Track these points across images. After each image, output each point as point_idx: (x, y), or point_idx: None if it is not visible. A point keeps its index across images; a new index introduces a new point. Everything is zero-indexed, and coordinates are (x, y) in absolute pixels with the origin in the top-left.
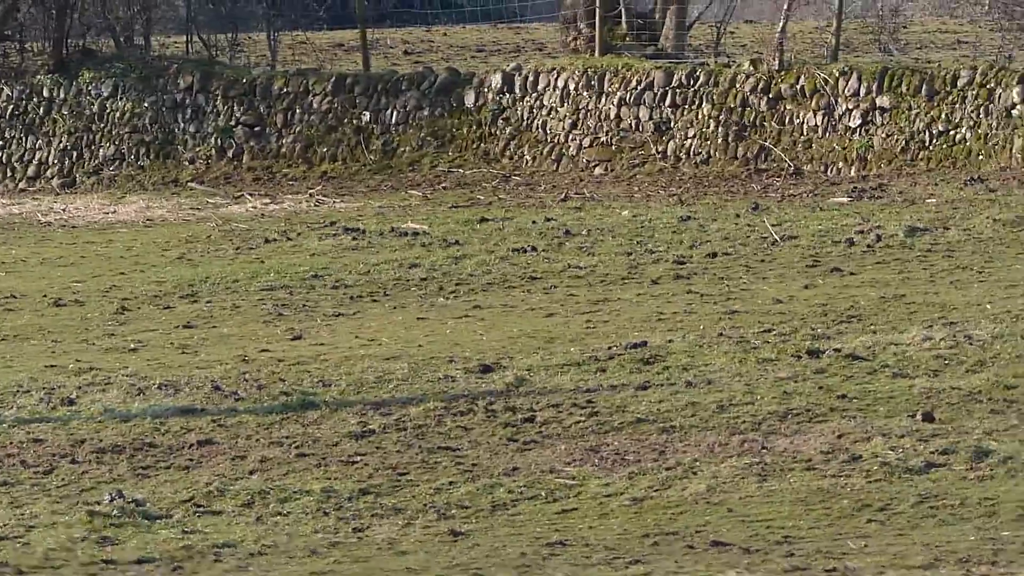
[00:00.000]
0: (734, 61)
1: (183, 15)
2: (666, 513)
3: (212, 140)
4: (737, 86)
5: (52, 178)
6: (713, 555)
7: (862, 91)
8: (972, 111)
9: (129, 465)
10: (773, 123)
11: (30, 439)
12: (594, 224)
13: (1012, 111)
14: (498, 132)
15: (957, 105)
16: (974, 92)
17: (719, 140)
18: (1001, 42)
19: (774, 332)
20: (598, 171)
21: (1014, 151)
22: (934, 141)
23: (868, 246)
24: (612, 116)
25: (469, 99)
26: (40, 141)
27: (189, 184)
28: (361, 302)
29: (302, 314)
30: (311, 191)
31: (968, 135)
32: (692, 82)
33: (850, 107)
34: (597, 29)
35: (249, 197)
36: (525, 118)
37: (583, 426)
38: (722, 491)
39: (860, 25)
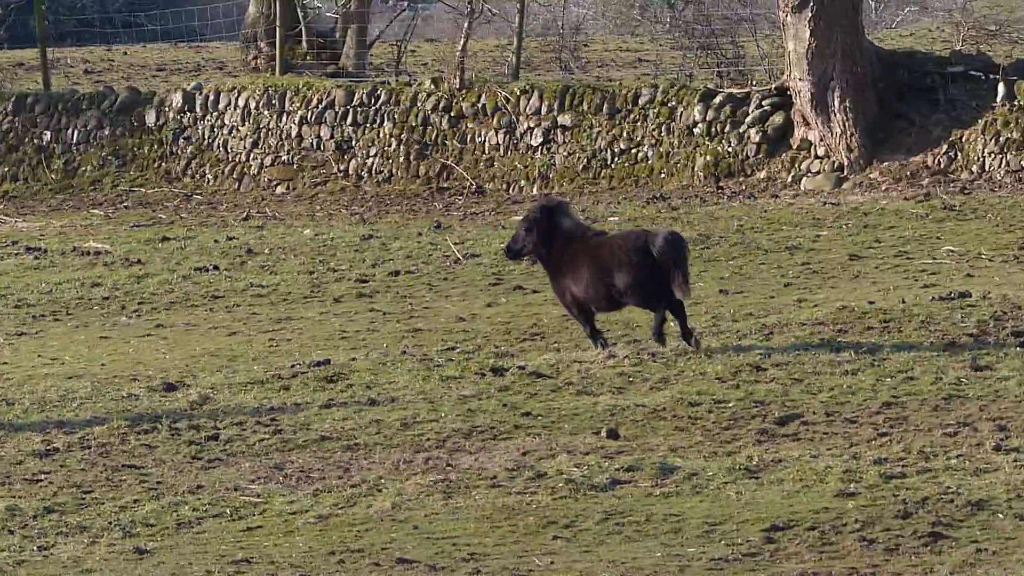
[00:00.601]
0: (415, 80)
1: None
2: (352, 530)
3: None
4: (419, 104)
5: None
6: (399, 572)
7: (543, 109)
8: (654, 129)
9: None
10: (455, 141)
11: None
12: (276, 243)
13: (694, 129)
14: (179, 151)
15: (639, 123)
16: (655, 110)
17: (401, 159)
18: (682, 60)
19: (458, 350)
20: (280, 190)
21: (696, 169)
22: (616, 159)
23: None
24: (293, 135)
25: (150, 118)
26: None
27: None
28: (43, 321)
29: None
30: None
31: (650, 153)
32: (373, 101)
33: (532, 125)
34: (278, 48)
35: None
36: (206, 137)
37: (267, 444)
38: (407, 508)
39: (541, 43)
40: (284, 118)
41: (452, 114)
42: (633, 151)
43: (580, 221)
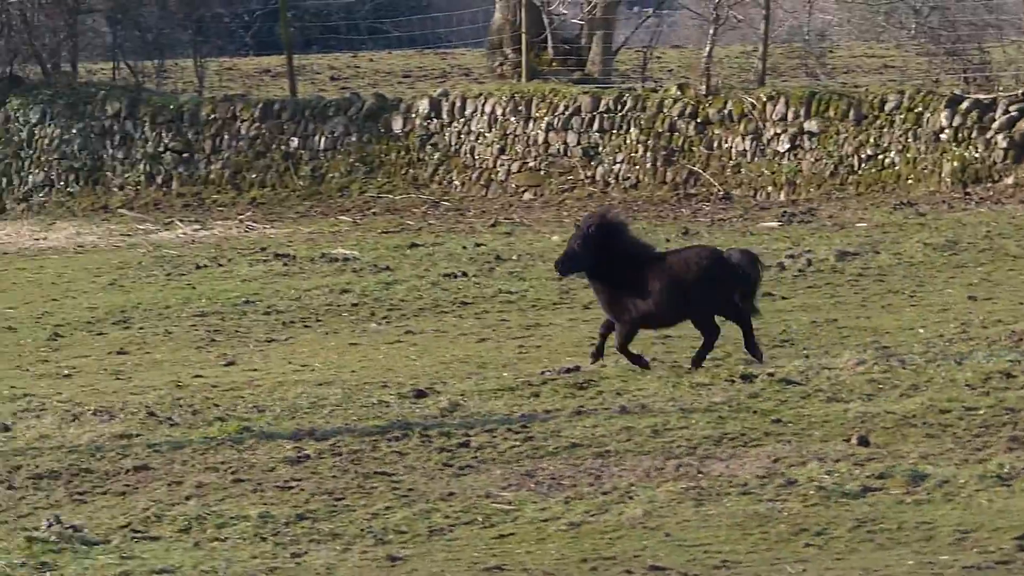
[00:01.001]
0: (661, 86)
1: (109, 42)
2: (603, 537)
3: (141, 166)
4: (665, 111)
5: None
6: None
7: (790, 115)
8: (900, 135)
9: (66, 491)
10: (701, 148)
11: None
12: (524, 249)
13: (940, 135)
14: (426, 158)
15: (885, 129)
16: (902, 116)
17: (648, 165)
18: (928, 66)
19: (708, 357)
20: (527, 196)
21: (943, 175)
22: (863, 165)
23: (799, 270)
24: (540, 141)
25: (397, 125)
26: None
27: (119, 210)
28: (293, 328)
29: (234, 340)
30: (240, 217)
31: (897, 159)
32: (619, 107)
33: (778, 131)
34: (524, 54)
35: (179, 223)
36: (453, 143)
37: (518, 451)
38: (659, 515)
39: (787, 50)
40: (531, 124)
41: (698, 120)
42: (880, 157)
43: (637, 237)
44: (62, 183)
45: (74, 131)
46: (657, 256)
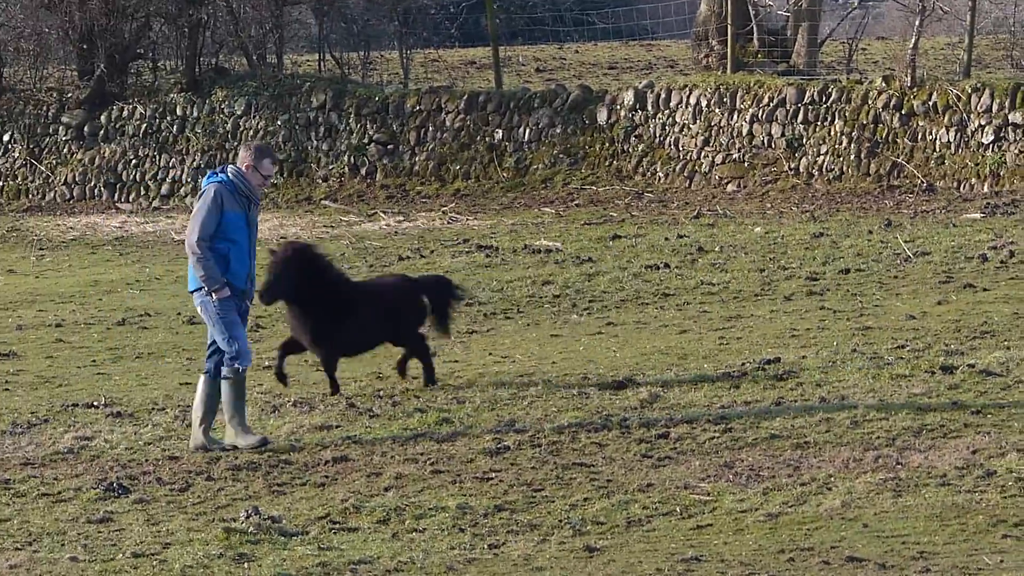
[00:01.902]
0: (866, 78)
1: (315, 33)
2: (801, 529)
3: (345, 158)
4: (869, 102)
5: (185, 196)
6: (849, 570)
7: (995, 107)
8: None
9: (265, 482)
10: (905, 139)
11: (166, 456)
12: (726, 241)
13: None
14: (630, 149)
15: None
16: None
17: (851, 156)
18: None
19: (907, 348)
20: (730, 188)
21: None
22: None
23: (1001, 262)
24: (744, 133)
25: (601, 116)
26: (173, 159)
27: (322, 202)
28: (495, 319)
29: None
30: (444, 208)
31: None
32: (824, 99)
33: (983, 123)
34: (729, 46)
35: (382, 215)
36: (657, 135)
37: (717, 442)
38: (857, 506)
39: (992, 41)
40: (735, 116)
41: (903, 112)
42: None
43: (334, 266)
44: None
45: (279, 123)
46: (354, 285)
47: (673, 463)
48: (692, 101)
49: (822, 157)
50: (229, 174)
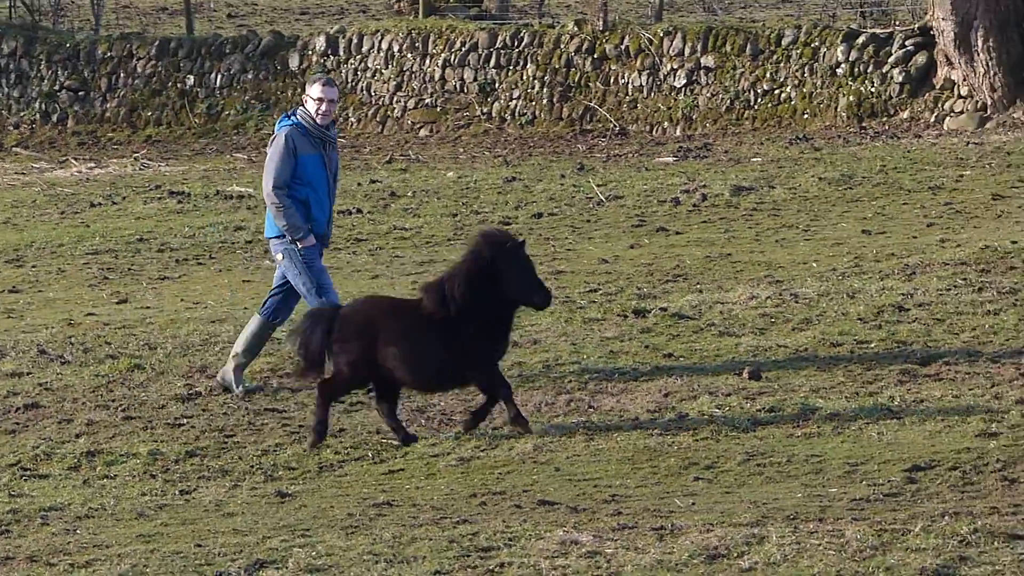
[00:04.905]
0: (558, 22)
1: None
2: (493, 473)
3: (36, 105)
4: (561, 47)
5: None
6: (541, 514)
7: (687, 51)
8: (797, 70)
9: None
10: (598, 83)
11: None
12: (419, 186)
13: (837, 70)
14: None
15: (782, 64)
16: (798, 51)
17: (544, 101)
18: (825, 1)
19: (600, 292)
20: (423, 133)
21: (839, 110)
22: (759, 100)
23: (694, 205)
24: (437, 78)
25: (293, 62)
26: None
27: (14, 149)
28: (186, 265)
29: (128, 278)
30: (136, 155)
31: (793, 94)
32: (516, 43)
33: (675, 67)
34: None
35: (74, 161)
36: (350, 80)
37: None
38: (549, 450)
39: None
40: (427, 61)
41: (595, 56)
42: (776, 92)
43: None
44: None
45: None
46: None
47: (365, 408)
48: (384, 46)
49: (514, 102)
50: (299, 116)
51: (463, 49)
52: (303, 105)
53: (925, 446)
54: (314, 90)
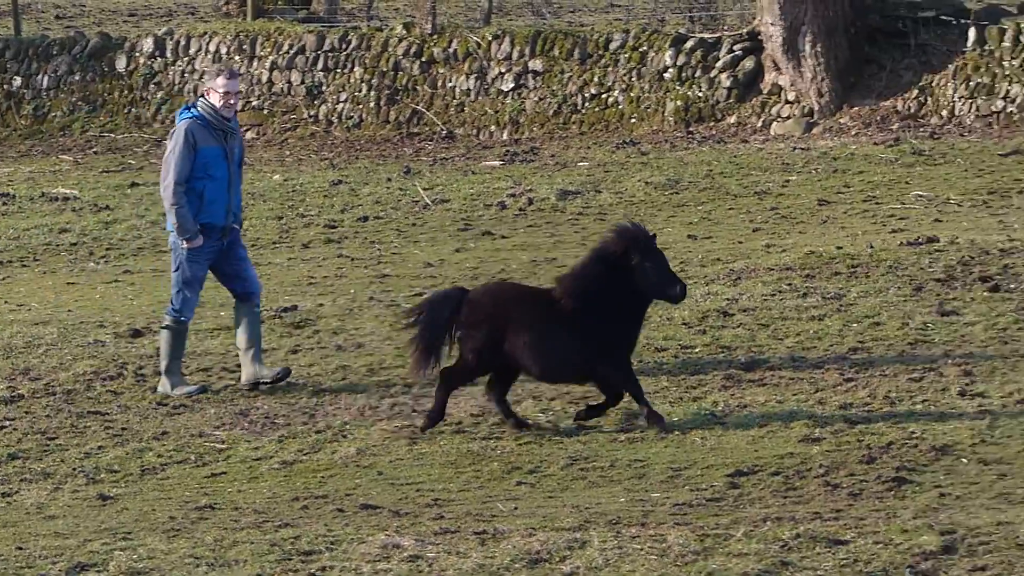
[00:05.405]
0: (386, 25)
1: None
2: (316, 476)
3: None
4: (389, 50)
5: None
6: (363, 518)
7: (515, 55)
8: (625, 74)
9: None
10: (426, 87)
11: None
12: (245, 188)
13: (664, 74)
14: (150, 96)
15: (610, 68)
16: (627, 55)
17: (371, 104)
18: (654, 5)
19: (425, 295)
20: (250, 135)
21: (666, 114)
22: (586, 104)
23: (520, 209)
24: (264, 80)
25: (121, 64)
26: None
27: None
28: (10, 267)
29: None
30: None
31: (620, 98)
32: (344, 46)
33: (503, 71)
34: None
35: None
36: (177, 82)
37: (233, 389)
38: (372, 454)
39: None
40: (255, 63)
41: (423, 59)
42: (604, 96)
43: None
44: None
45: None
46: None
47: (188, 411)
48: (212, 48)
49: (342, 105)
50: (200, 108)
51: (291, 52)
52: (204, 97)
53: (748, 451)
54: (219, 83)
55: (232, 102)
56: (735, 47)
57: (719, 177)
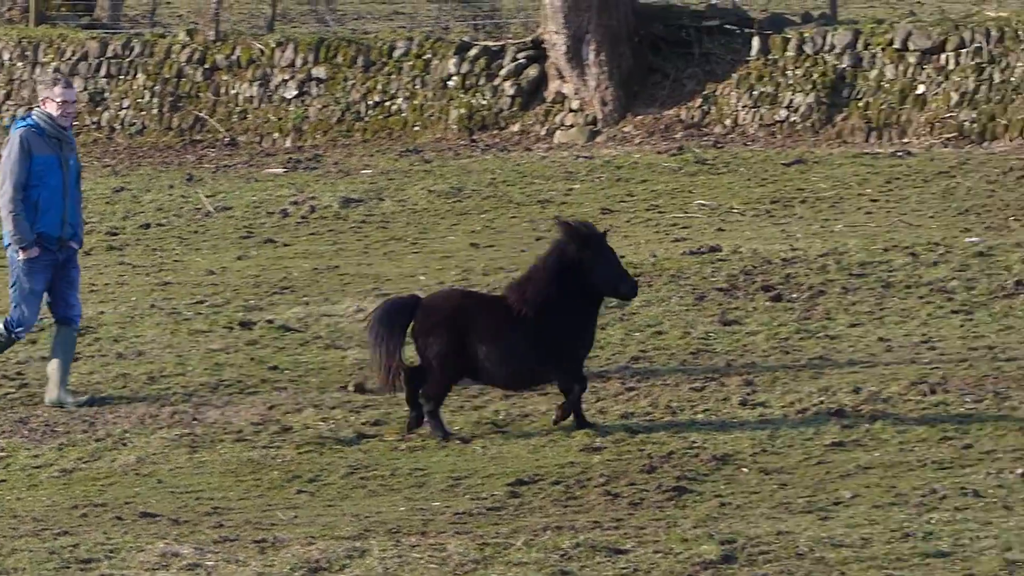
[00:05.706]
0: (170, 31)
1: None
2: (95, 484)
3: None
4: (172, 56)
5: None
6: (142, 526)
7: (298, 62)
8: (408, 82)
9: None
10: (209, 94)
11: None
12: None
13: (448, 82)
14: None
15: (393, 76)
16: (411, 63)
17: (154, 111)
18: (438, 13)
19: (206, 303)
20: None
21: (449, 122)
22: (370, 112)
23: (302, 217)
24: None
25: None
26: None
27: None
28: None
29: None
30: None
31: (404, 106)
32: (127, 52)
33: (286, 78)
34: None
35: None
36: None
37: (13, 397)
38: (152, 462)
39: None
40: (38, 70)
41: (206, 66)
42: (387, 104)
43: None
44: None
45: None
46: None
47: None
48: None
49: (124, 111)
50: (34, 117)
51: (74, 58)
52: (39, 106)
53: (529, 460)
54: (56, 92)
55: (70, 111)
56: (519, 55)
57: (502, 185)
